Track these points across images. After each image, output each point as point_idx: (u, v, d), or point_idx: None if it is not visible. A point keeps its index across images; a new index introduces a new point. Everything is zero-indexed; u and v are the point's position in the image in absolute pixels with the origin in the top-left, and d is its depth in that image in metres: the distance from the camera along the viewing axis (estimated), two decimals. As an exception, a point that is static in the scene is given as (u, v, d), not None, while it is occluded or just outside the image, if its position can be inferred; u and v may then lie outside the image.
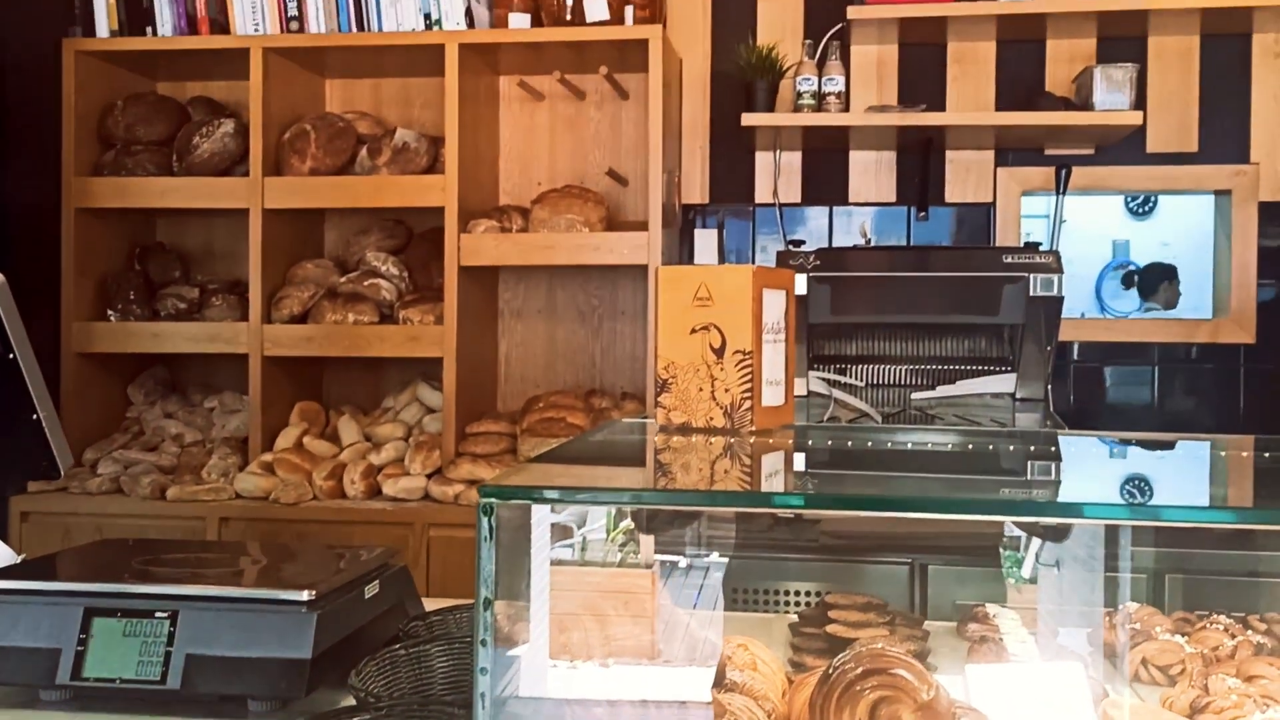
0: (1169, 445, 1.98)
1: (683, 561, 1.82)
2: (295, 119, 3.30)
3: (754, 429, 1.41)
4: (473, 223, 3.16)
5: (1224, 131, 3.26)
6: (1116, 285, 5.49)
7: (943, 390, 2.97)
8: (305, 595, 1.34)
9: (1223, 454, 1.85)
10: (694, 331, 1.44)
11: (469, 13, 3.15)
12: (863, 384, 3.02)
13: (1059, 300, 2.83)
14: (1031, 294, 2.82)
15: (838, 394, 2.98)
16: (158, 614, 1.34)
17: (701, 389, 1.43)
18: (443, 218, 3.14)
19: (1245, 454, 1.86)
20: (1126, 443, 2.06)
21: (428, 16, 3.15)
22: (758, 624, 1.74)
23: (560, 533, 1.56)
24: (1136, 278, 5.05)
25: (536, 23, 3.19)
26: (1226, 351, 3.26)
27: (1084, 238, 5.35)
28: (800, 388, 3.01)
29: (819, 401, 2.97)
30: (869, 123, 3.15)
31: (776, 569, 2.94)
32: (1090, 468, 1.76)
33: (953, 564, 2.70)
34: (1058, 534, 1.90)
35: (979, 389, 2.95)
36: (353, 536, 2.94)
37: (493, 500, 0.95)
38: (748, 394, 1.41)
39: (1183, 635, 1.48)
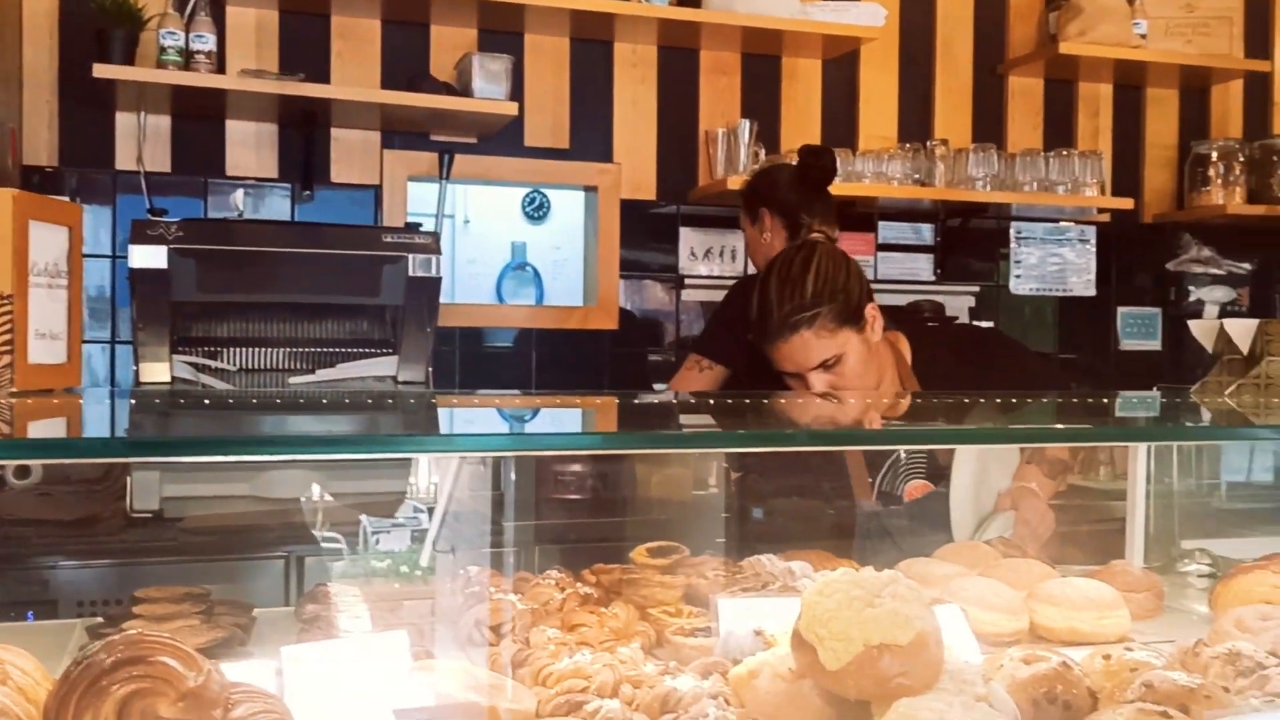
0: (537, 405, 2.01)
1: None
2: None
3: (15, 390, 1.15)
4: None
5: (592, 131, 3.49)
6: (515, 284, 5.78)
7: (323, 374, 2.82)
8: None
9: (584, 404, 1.92)
10: (-70, 269, 1.14)
11: None
12: (235, 369, 2.77)
13: (437, 281, 2.81)
14: (411, 274, 2.78)
15: (206, 379, 2.71)
16: None
17: (-56, 341, 1.14)
18: None
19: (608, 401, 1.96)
20: (497, 407, 2.06)
21: None
22: (56, 631, 1.45)
23: None
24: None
25: None
26: (596, 337, 3.49)
27: (486, 240, 5.55)
28: (164, 373, 2.70)
29: (185, 388, 2.68)
30: (242, 87, 2.91)
31: (137, 575, 2.61)
32: (460, 420, 1.72)
33: (331, 556, 2.58)
34: (439, 515, 1.85)
35: (360, 372, 2.84)
36: None
37: None
38: (8, 347, 1.15)
39: (518, 594, 1.47)
